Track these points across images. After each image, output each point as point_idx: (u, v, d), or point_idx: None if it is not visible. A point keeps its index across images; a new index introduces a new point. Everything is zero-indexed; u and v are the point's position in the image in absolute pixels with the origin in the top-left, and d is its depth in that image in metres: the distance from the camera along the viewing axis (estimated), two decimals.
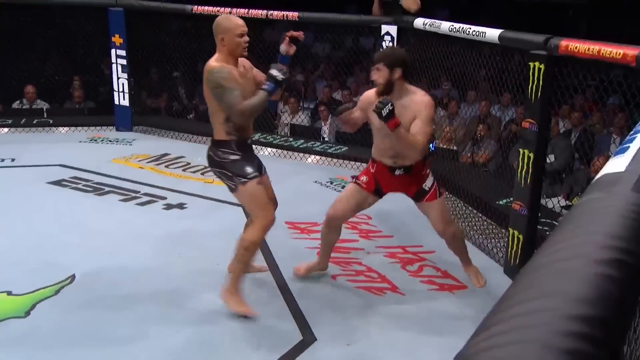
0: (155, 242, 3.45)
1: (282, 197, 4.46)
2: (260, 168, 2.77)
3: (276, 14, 5.12)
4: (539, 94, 2.93)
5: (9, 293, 2.78)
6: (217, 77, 2.53)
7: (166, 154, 5.43)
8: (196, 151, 5.69)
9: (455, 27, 3.68)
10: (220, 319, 2.69)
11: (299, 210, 4.11)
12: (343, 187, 4.70)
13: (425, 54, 4.35)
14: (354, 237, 3.71)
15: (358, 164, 5.22)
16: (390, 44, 4.53)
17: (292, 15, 5.10)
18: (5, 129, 5.87)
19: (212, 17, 5.89)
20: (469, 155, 5.41)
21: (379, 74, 2.63)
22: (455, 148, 5.44)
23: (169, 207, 4.08)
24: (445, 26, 3.81)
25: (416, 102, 2.65)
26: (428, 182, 2.86)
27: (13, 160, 4.87)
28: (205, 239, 3.55)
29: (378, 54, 2.78)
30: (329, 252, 3.07)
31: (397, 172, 2.82)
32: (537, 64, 2.91)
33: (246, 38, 2.65)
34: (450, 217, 3.06)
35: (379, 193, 2.93)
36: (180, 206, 4.08)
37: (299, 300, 2.88)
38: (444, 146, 5.34)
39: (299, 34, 2.78)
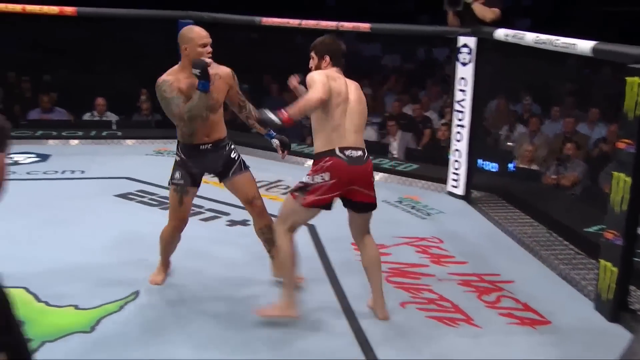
0: (218, 259, 3.49)
1: (347, 216, 4.44)
2: (193, 177, 2.98)
3: (347, 25, 5.13)
4: (637, 111, 2.75)
5: (76, 307, 2.88)
6: (159, 91, 2.82)
7: None
8: (260, 166, 5.75)
9: (541, 39, 3.53)
10: (283, 341, 2.66)
11: None
12: (413, 207, 4.61)
13: (505, 67, 4.21)
14: (425, 261, 3.61)
15: (429, 183, 5.11)
16: (468, 56, 4.42)
17: (364, 26, 5.09)
18: (76, 141, 6.18)
19: (281, 29, 6.00)
20: (553, 176, 5.17)
21: (312, 62, 2.86)
22: (536, 168, 5.23)
23: (232, 223, 4.12)
24: (529, 37, 3.67)
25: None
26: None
27: (83, 172, 5.11)
28: (267, 257, 3.55)
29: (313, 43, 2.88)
30: None
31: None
32: (636, 79, 2.73)
33: (209, 49, 2.84)
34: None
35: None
36: (244, 223, 4.12)
37: (366, 328, 2.82)
38: (524, 166, 5.14)
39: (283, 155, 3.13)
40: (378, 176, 5.40)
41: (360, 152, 2.73)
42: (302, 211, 2.73)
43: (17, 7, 5.70)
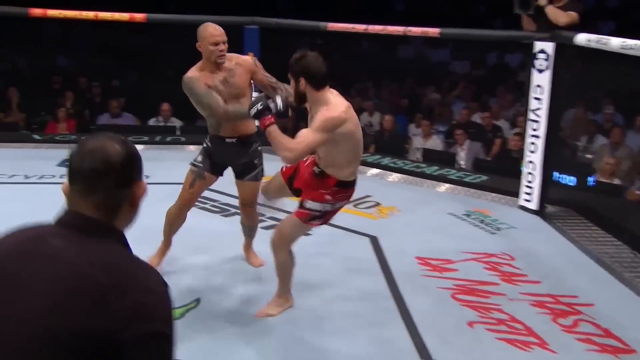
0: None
1: (412, 229, 4.38)
2: (214, 166, 3.13)
3: (415, 30, 5.06)
4: None
5: None
6: (187, 87, 2.98)
7: None
8: None
9: (628, 44, 3.35)
10: (348, 356, 2.63)
11: (430, 245, 3.96)
12: (481, 221, 4.48)
13: (585, 74, 4.03)
14: (494, 279, 3.48)
15: (500, 196, 4.95)
16: (545, 62, 4.25)
17: (433, 31, 5.01)
18: (141, 146, 6.39)
19: (346, 35, 6.00)
20: (638, 191, 4.89)
21: (290, 85, 2.67)
22: (619, 183, 4.96)
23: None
24: (615, 43, 3.48)
25: (319, 113, 2.56)
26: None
27: (147, 177, 5.25)
28: (327, 268, 3.53)
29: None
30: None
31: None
32: None
33: (220, 47, 2.93)
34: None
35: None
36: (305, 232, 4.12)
37: (431, 346, 2.74)
38: (605, 180, 4.89)
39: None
40: (444, 187, 5.29)
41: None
42: (304, 229, 2.88)
43: (89, 14, 5.98)
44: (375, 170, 5.78)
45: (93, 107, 7.64)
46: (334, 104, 2.55)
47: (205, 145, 3.19)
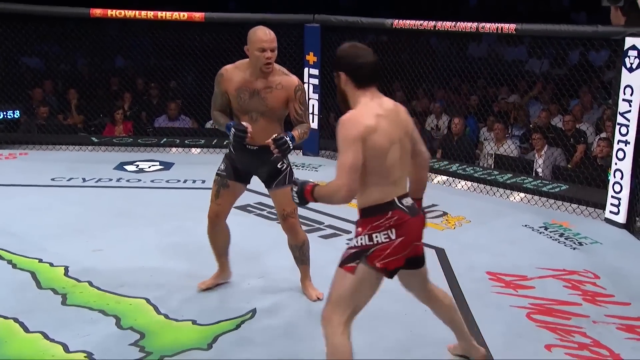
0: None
1: (482, 241, 4.29)
2: (238, 172, 3.12)
3: (488, 26, 4.97)
4: None
5: (194, 322, 3.02)
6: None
7: None
8: None
9: None
10: None
11: (503, 260, 3.87)
12: (561, 234, 4.33)
13: None
14: (576, 299, 3.35)
15: (582, 207, 4.77)
16: (637, 60, 4.08)
17: (509, 27, 4.90)
18: (197, 150, 6.56)
19: (413, 32, 5.96)
20: None
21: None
22: None
23: None
24: None
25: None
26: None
27: (203, 182, 5.40)
28: (387, 281, 3.49)
29: None
30: None
31: None
32: None
33: (267, 54, 2.88)
34: None
35: None
36: None
37: None
38: None
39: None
40: (519, 197, 5.15)
41: (410, 200, 2.29)
42: (364, 285, 2.22)
43: (149, 14, 6.20)
44: (442, 178, 5.70)
45: (150, 109, 7.90)
46: (357, 110, 2.20)
47: (228, 151, 3.19)
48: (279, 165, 3.12)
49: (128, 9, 6.22)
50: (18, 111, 7.08)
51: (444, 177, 5.68)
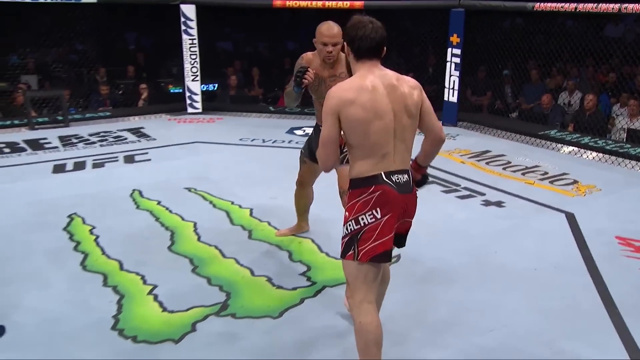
0: (471, 237, 3.37)
1: (613, 209, 3.87)
2: (312, 154, 2.92)
3: (632, 7, 4.37)
4: None
5: (271, 283, 2.82)
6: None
7: (487, 151, 5.29)
8: (517, 150, 5.37)
9: None
10: (532, 323, 2.46)
11: (633, 226, 3.48)
12: None
13: None
14: None
15: None
16: None
17: None
18: None
19: (553, 14, 5.41)
20: None
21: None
22: None
23: (487, 203, 3.94)
24: None
25: None
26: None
27: None
28: (523, 240, 3.31)
29: None
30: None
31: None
32: None
33: (328, 48, 2.65)
34: None
35: None
36: (499, 204, 3.90)
37: (631, 326, 2.42)
38: None
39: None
40: None
41: (406, 177, 1.92)
42: (363, 272, 1.90)
43: (318, 3, 6.28)
44: (569, 148, 5.25)
45: None
46: (344, 82, 1.90)
47: (312, 133, 3.04)
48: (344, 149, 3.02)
49: (302, 0, 6.34)
50: (216, 85, 7.61)
51: (572, 148, 5.22)
